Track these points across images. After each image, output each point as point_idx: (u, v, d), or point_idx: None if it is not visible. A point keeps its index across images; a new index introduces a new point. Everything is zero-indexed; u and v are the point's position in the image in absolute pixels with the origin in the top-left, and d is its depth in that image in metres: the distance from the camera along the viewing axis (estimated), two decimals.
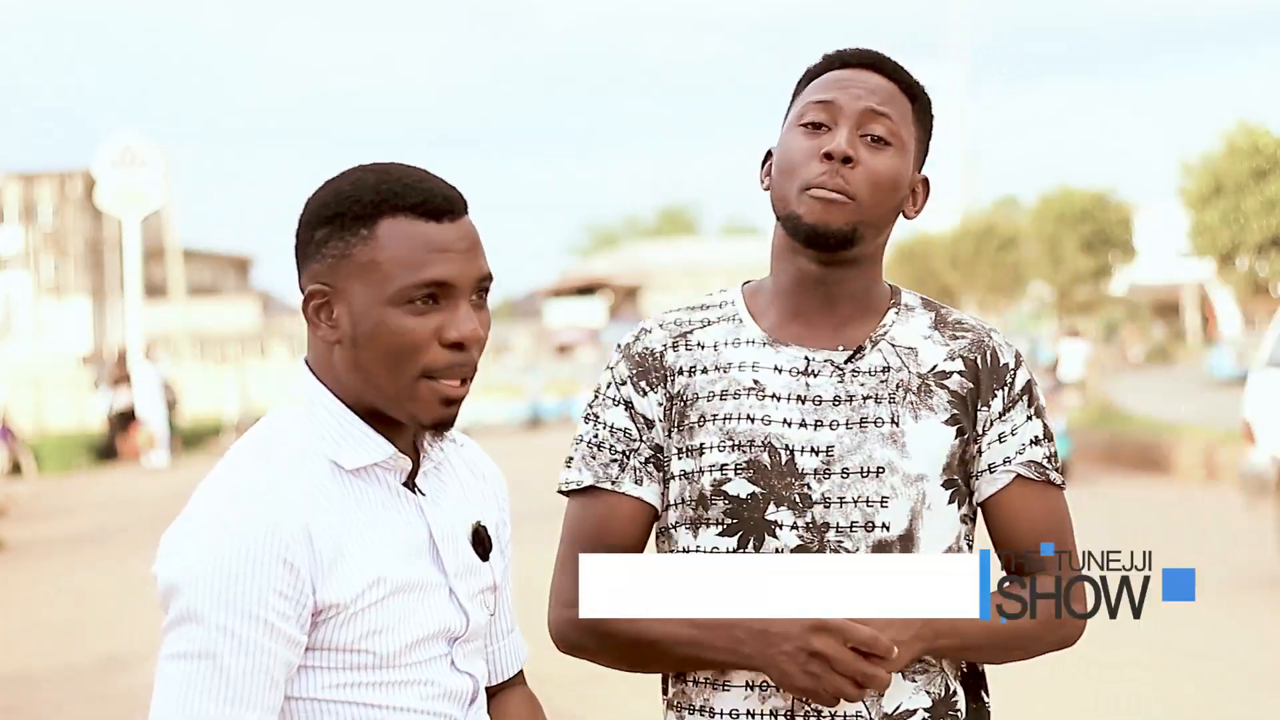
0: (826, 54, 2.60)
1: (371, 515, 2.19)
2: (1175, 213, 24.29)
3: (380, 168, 2.22)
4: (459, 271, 2.18)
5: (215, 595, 2.09)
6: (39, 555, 17.28)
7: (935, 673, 2.51)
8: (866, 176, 2.49)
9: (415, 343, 2.16)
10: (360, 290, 2.16)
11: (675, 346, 2.58)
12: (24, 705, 9.41)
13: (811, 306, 2.55)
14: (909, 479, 2.49)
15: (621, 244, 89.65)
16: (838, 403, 2.51)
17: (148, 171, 34.47)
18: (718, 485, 2.50)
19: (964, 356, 2.56)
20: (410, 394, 2.18)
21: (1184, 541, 13.76)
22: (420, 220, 2.18)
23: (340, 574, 2.14)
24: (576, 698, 9.02)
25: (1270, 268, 21.36)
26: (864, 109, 2.51)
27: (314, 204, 2.22)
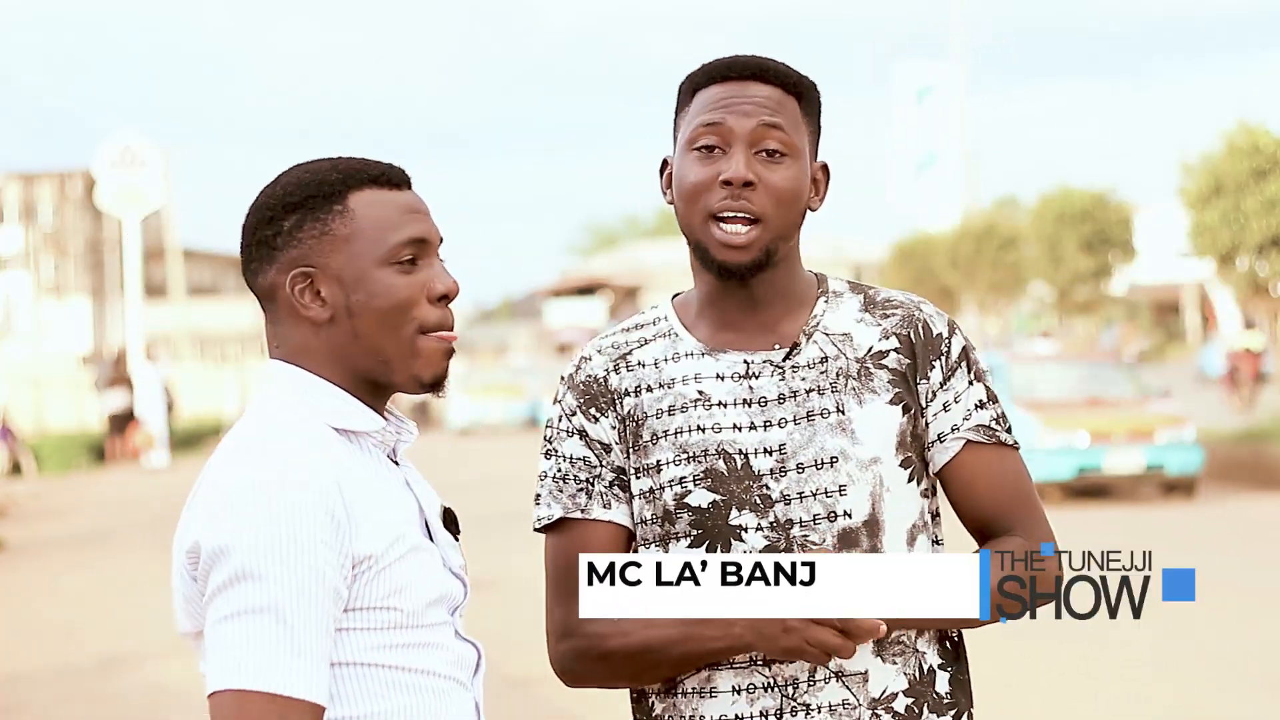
0: (708, 64, 2.59)
1: (378, 480, 2.28)
2: (1175, 213, 24.28)
3: (327, 157, 2.37)
4: (431, 230, 2.33)
5: (270, 551, 2.13)
6: (39, 555, 17.28)
7: (910, 653, 2.53)
8: (769, 194, 2.51)
9: (410, 299, 2.29)
10: (346, 261, 2.28)
11: (617, 369, 2.61)
12: (24, 705, 9.41)
13: (739, 313, 2.58)
14: (863, 464, 2.52)
15: (621, 244, 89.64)
16: (782, 400, 2.53)
17: (148, 171, 34.48)
18: (679, 499, 2.53)
19: (897, 334, 2.58)
20: (412, 350, 2.30)
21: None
22: (386, 189, 2.33)
23: (369, 527, 2.21)
24: (577, 698, 9.02)
25: (1270, 268, 21.35)
26: (754, 127, 2.52)
27: (272, 199, 2.32)
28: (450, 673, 2.32)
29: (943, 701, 2.55)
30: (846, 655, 2.38)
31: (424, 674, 2.28)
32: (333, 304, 2.28)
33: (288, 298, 2.29)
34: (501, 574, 13.60)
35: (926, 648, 2.55)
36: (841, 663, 2.49)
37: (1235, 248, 21.42)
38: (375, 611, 2.23)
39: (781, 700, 2.49)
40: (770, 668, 2.50)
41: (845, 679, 2.50)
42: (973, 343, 2.63)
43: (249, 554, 2.13)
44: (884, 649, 2.51)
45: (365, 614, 2.23)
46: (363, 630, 2.23)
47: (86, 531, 18.82)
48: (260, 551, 2.13)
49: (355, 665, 2.23)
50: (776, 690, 2.50)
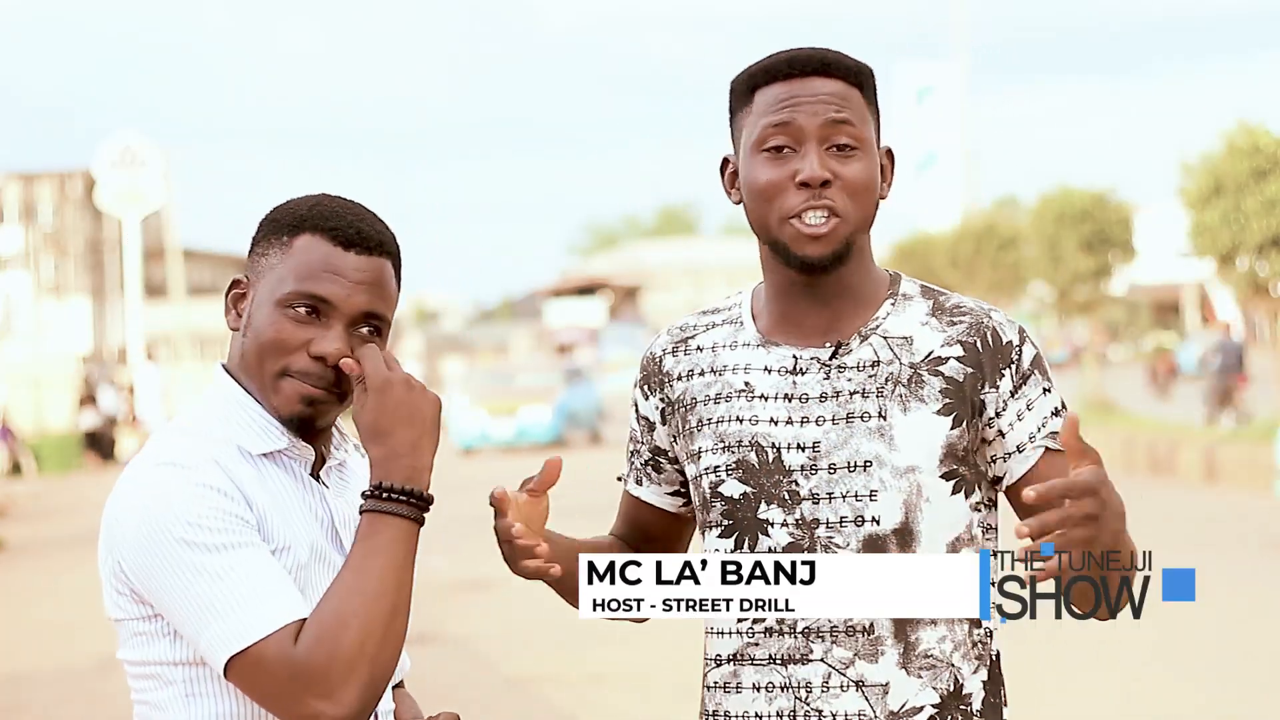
0: (766, 61, 2.56)
1: (279, 496, 2.35)
2: (1175, 213, 24.26)
3: (334, 198, 2.43)
4: (343, 296, 2.35)
5: (168, 530, 2.24)
6: (39, 555, 17.29)
7: (943, 668, 2.50)
8: (845, 190, 2.50)
9: (284, 343, 2.35)
10: (263, 288, 2.39)
11: (674, 352, 2.65)
12: (23, 705, 9.41)
13: (802, 308, 2.57)
14: (898, 471, 2.49)
15: (621, 244, 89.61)
16: (824, 399, 2.52)
17: (148, 171, 34.50)
18: (714, 488, 2.55)
19: (962, 341, 2.54)
20: (273, 387, 2.37)
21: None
22: (330, 243, 2.37)
23: (262, 531, 2.30)
24: (576, 698, 9.03)
25: (1270, 268, 21.33)
26: (824, 123, 2.50)
27: (270, 211, 2.44)
28: None
29: (975, 715, 2.52)
30: (515, 570, 2.52)
31: None
32: (243, 320, 2.42)
33: (225, 299, 2.45)
34: (500, 575, 13.58)
35: (962, 663, 2.51)
36: (862, 672, 2.47)
37: (1235, 248, 21.39)
38: None
39: (795, 703, 2.49)
40: (787, 668, 2.49)
41: (865, 689, 2.48)
42: (1044, 351, 2.59)
43: (154, 541, 2.24)
44: (909, 661, 2.48)
45: None
46: None
47: (86, 531, 18.81)
48: (164, 532, 2.24)
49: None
50: (790, 692, 2.49)
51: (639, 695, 8.96)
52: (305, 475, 2.40)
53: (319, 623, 2.21)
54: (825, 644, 2.48)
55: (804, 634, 2.48)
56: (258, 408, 2.38)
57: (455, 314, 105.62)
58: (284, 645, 2.19)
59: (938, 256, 37.21)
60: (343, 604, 2.22)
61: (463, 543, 13.40)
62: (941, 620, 2.49)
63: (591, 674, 9.67)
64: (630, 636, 10.90)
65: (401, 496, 2.28)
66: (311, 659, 2.18)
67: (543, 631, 10.89)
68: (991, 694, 2.55)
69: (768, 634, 2.50)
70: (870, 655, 2.47)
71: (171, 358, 48.20)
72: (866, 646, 2.48)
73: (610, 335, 61.90)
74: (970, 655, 2.52)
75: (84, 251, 64.03)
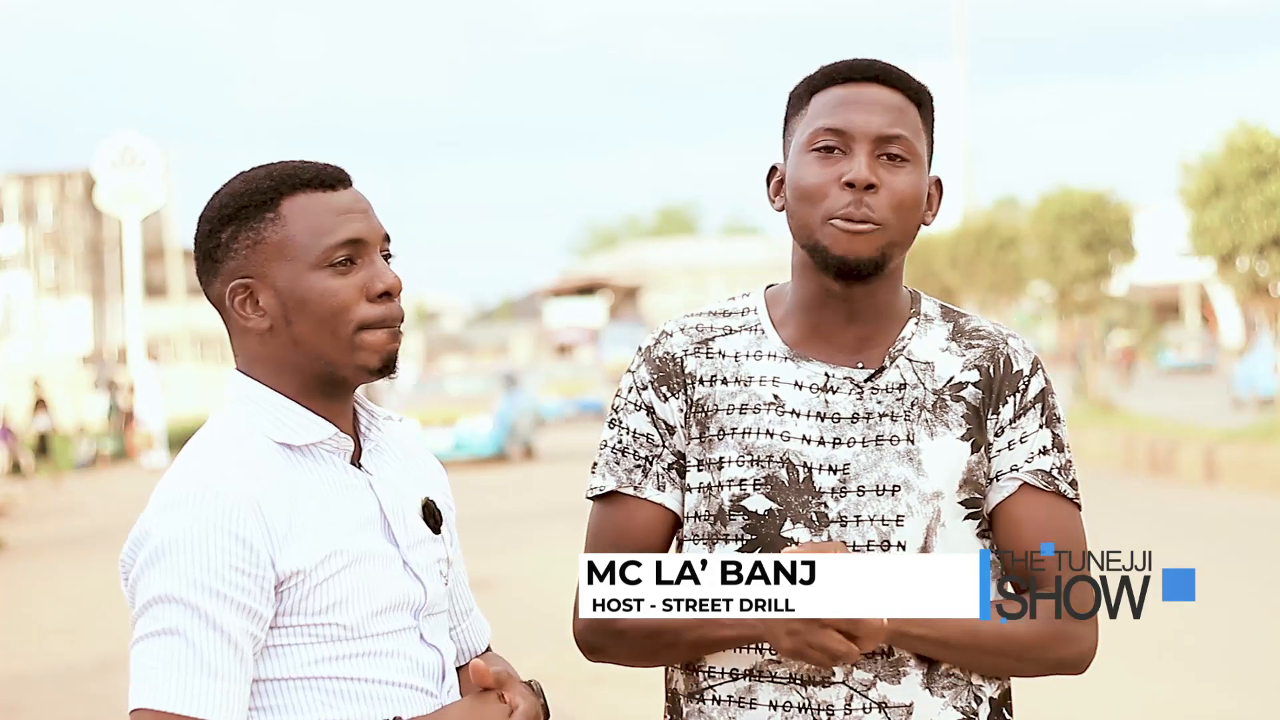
0: (826, 67, 2.54)
1: (321, 492, 2.29)
2: (1175, 213, 24.25)
3: (263, 164, 2.36)
4: (367, 228, 2.32)
5: (176, 576, 2.18)
6: (39, 555, 17.28)
7: (963, 687, 2.49)
8: (890, 200, 2.45)
9: (346, 301, 2.29)
10: (281, 268, 2.30)
11: (697, 353, 2.56)
12: (24, 705, 9.41)
13: (833, 322, 2.53)
14: (925, 497, 2.47)
15: (621, 244, 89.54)
16: (855, 420, 2.49)
17: (148, 171, 34.48)
18: (736, 500, 2.49)
19: (978, 366, 2.52)
20: (352, 346, 2.30)
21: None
22: (318, 192, 2.31)
23: (297, 543, 2.24)
24: (576, 698, 9.02)
25: (1270, 268, 21.33)
26: (878, 129, 2.46)
27: (210, 211, 2.35)
28: (409, 680, 2.32)
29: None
30: (850, 660, 2.35)
31: (376, 683, 2.29)
32: (271, 313, 2.31)
33: (231, 309, 2.34)
34: (501, 574, 13.59)
35: (982, 680, 2.50)
36: (885, 693, 2.45)
37: (1235, 248, 21.38)
38: (313, 627, 2.26)
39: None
40: (807, 689, 2.46)
41: (888, 710, 2.46)
42: (1053, 386, 2.56)
43: (157, 579, 2.19)
44: (933, 680, 2.46)
45: (302, 629, 2.25)
46: (301, 645, 2.26)
47: (86, 531, 18.82)
48: (167, 577, 2.19)
49: (297, 680, 2.26)
50: (810, 713, 2.46)
51: (639, 695, 8.95)
52: (346, 465, 2.34)
53: None
54: (846, 666, 2.45)
55: None
56: (292, 404, 2.31)
57: (455, 314, 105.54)
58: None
59: (938, 256, 37.19)
60: None
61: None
62: None
63: (591, 674, 9.66)
64: None
65: None
66: None
67: (543, 631, 10.89)
68: (997, 712, 2.53)
69: None
70: (892, 677, 2.45)
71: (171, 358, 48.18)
72: (887, 668, 2.46)
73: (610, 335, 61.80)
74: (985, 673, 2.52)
75: (84, 251, 64.01)
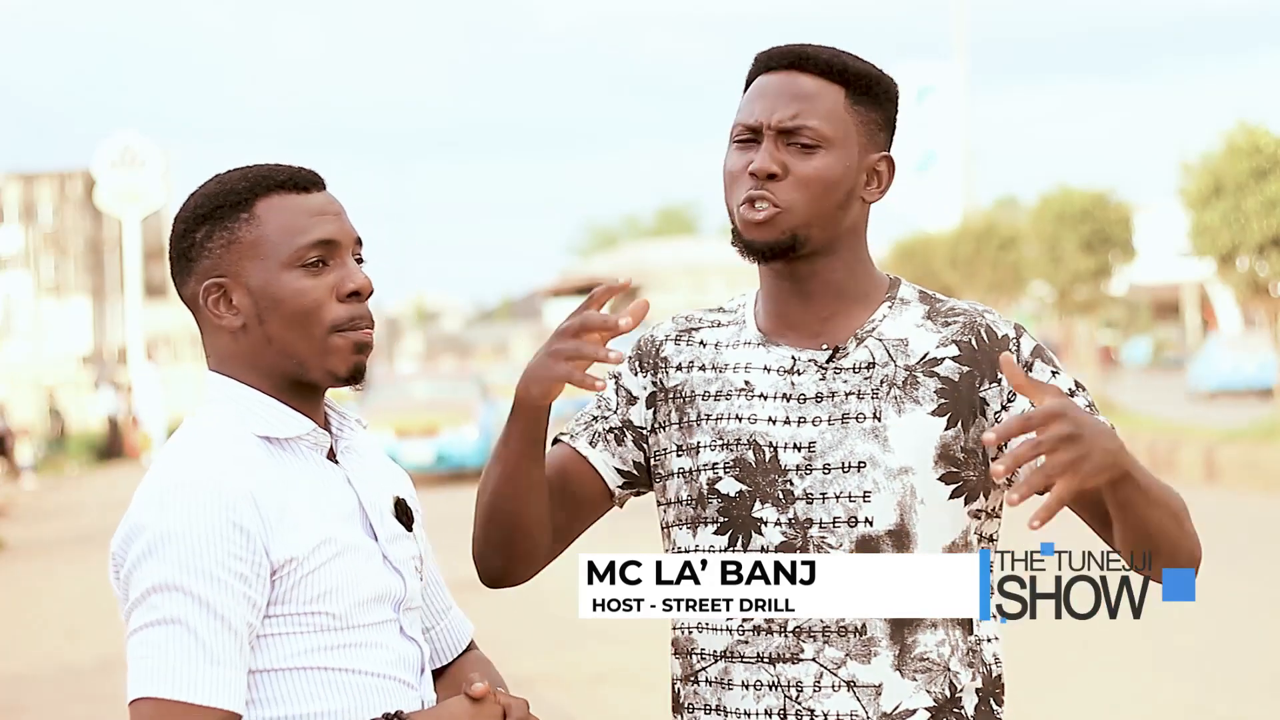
0: (756, 54, 2.62)
1: (306, 484, 2.32)
2: (1175, 213, 24.26)
3: (238, 167, 2.39)
4: (339, 230, 2.35)
5: (175, 564, 2.19)
6: (39, 555, 17.29)
7: (939, 672, 2.49)
8: (795, 184, 2.52)
9: (317, 300, 2.32)
10: (253, 267, 2.33)
11: (677, 340, 2.65)
12: (24, 705, 9.41)
13: (791, 306, 2.59)
14: (891, 473, 2.49)
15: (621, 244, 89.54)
16: (820, 400, 2.53)
17: (148, 171, 34.51)
18: (711, 484, 2.54)
19: (957, 340, 2.54)
20: (323, 349, 2.33)
21: None
22: (292, 193, 2.35)
23: (291, 532, 2.26)
24: (576, 698, 9.03)
25: (1270, 268, 21.33)
26: (782, 121, 2.53)
27: (185, 212, 2.38)
28: (392, 672, 2.35)
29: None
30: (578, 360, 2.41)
31: (363, 674, 2.31)
32: (244, 312, 2.34)
33: (204, 308, 2.35)
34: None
35: (960, 669, 2.51)
36: (854, 672, 2.47)
37: (1235, 248, 21.39)
38: (304, 616, 2.28)
39: (785, 701, 2.49)
40: (775, 666, 2.49)
41: (856, 689, 2.47)
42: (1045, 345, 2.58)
43: (155, 569, 2.20)
44: (904, 663, 2.48)
45: (293, 618, 2.28)
46: (292, 635, 2.28)
47: (86, 531, 18.83)
48: (166, 565, 2.20)
49: (287, 670, 2.28)
50: (780, 690, 2.49)
51: (639, 695, 8.96)
52: (324, 461, 2.38)
53: None
54: (817, 644, 2.47)
55: (795, 633, 2.48)
56: (271, 400, 2.34)
57: (455, 314, 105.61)
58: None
59: (938, 256, 37.19)
60: None
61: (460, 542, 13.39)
62: (942, 624, 2.49)
63: (591, 674, 9.68)
64: (630, 636, 10.90)
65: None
66: None
67: (543, 631, 10.90)
68: (984, 702, 2.53)
69: (757, 632, 2.50)
70: (862, 656, 2.47)
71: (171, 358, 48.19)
72: (859, 647, 2.47)
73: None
74: (966, 662, 2.52)
75: (84, 251, 64.03)
